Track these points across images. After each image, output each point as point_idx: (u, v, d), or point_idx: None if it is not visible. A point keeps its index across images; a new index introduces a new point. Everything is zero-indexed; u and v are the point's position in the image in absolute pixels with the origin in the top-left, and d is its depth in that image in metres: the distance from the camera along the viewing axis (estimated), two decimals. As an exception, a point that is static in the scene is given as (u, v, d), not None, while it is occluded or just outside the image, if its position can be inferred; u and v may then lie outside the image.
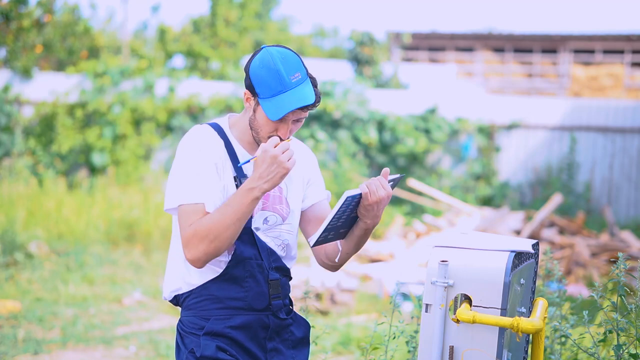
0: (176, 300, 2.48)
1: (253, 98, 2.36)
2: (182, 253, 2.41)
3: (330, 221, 2.30)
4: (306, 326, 2.56)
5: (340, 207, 2.28)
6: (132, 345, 5.78)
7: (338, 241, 2.50)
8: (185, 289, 2.44)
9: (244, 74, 2.41)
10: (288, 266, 2.50)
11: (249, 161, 2.32)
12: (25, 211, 9.64)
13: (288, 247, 2.50)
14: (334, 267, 2.56)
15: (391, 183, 2.39)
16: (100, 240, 9.47)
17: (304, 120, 2.40)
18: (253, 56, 2.37)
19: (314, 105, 2.34)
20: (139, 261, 8.76)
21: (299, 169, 2.57)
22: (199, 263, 2.29)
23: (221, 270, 2.39)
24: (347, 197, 2.27)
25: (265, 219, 2.44)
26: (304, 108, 2.33)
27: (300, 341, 2.52)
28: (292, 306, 2.53)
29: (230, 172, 2.39)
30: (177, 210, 2.32)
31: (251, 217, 2.38)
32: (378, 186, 2.32)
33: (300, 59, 2.37)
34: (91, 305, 6.89)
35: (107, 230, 9.70)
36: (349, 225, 2.42)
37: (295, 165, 2.52)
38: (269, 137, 2.35)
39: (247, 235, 2.38)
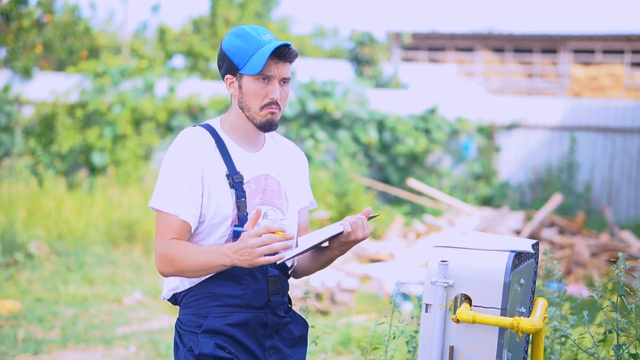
0: (174, 299, 2.49)
1: (234, 77, 2.43)
2: None
3: (306, 249, 2.36)
4: (305, 325, 2.56)
5: (321, 241, 2.36)
6: (132, 345, 5.78)
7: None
8: (183, 287, 2.45)
9: (219, 68, 2.48)
10: (287, 264, 2.50)
11: (240, 231, 2.33)
12: (25, 211, 9.64)
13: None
14: (294, 276, 2.65)
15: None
16: (100, 240, 9.47)
17: (289, 83, 2.44)
18: (221, 43, 2.47)
19: (292, 53, 2.39)
20: (139, 261, 8.76)
21: (294, 168, 2.59)
22: (163, 276, 2.41)
23: None
24: (331, 235, 2.35)
25: (265, 213, 2.45)
26: (284, 56, 2.38)
27: (299, 340, 2.53)
28: (291, 304, 2.54)
29: (220, 171, 2.41)
30: (157, 213, 2.41)
31: (246, 214, 2.40)
32: (359, 227, 2.40)
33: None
34: (91, 305, 6.89)
35: (107, 230, 9.70)
36: (316, 248, 2.49)
37: (293, 166, 2.58)
38: (261, 109, 2.39)
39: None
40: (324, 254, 2.52)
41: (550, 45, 20.21)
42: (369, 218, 2.46)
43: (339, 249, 2.45)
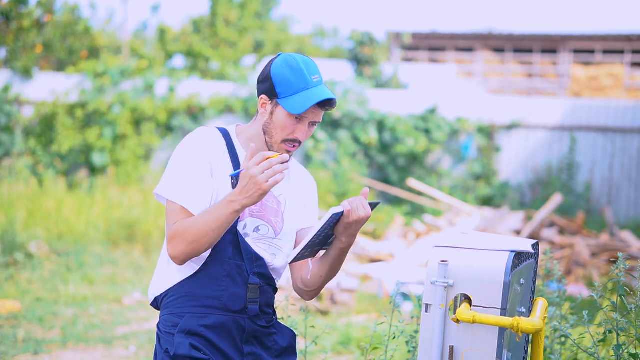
0: (156, 303, 2.50)
1: (270, 101, 2.41)
2: (166, 256, 2.45)
3: (312, 238, 2.33)
4: (291, 335, 2.55)
5: (324, 224, 2.32)
6: (132, 345, 5.78)
7: (309, 261, 2.53)
8: (164, 288, 2.45)
9: (258, 82, 2.46)
10: (273, 276, 2.49)
11: (238, 173, 2.33)
12: (25, 211, 9.63)
13: (277, 260, 2.49)
14: (308, 293, 2.56)
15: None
16: (100, 240, 9.47)
17: (316, 126, 2.43)
18: (271, 61, 2.45)
19: (332, 105, 2.40)
20: (139, 261, 8.76)
21: (299, 191, 2.58)
22: (178, 261, 2.35)
23: (198, 267, 2.40)
24: (332, 215, 2.31)
25: (257, 227, 2.44)
26: (325, 105, 2.38)
27: (285, 350, 2.52)
28: (275, 316, 2.53)
29: (227, 172, 2.41)
30: (166, 202, 2.39)
31: (239, 219, 2.39)
32: (359, 205, 2.36)
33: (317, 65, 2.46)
34: (91, 305, 6.89)
35: (107, 230, 9.70)
36: (324, 242, 2.43)
37: (299, 188, 2.56)
38: (282, 142, 2.39)
39: (231, 235, 2.39)
40: (332, 247, 2.46)
41: (550, 45, 20.21)
42: (372, 206, 2.42)
43: (345, 233, 2.39)
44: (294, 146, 2.40)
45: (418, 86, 17.03)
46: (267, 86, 2.41)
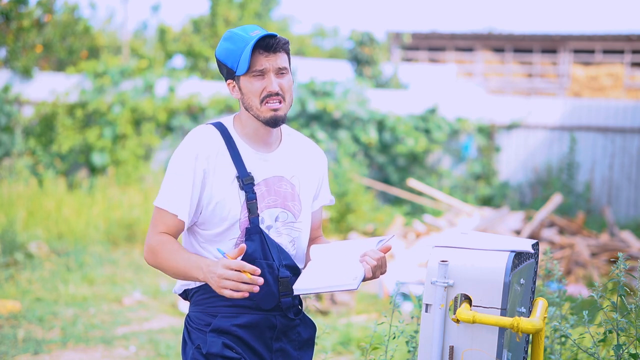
0: (185, 295, 2.50)
1: (234, 81, 2.41)
2: (194, 249, 2.46)
3: (323, 290, 2.34)
4: (313, 327, 2.57)
5: (337, 291, 2.34)
6: (132, 345, 5.78)
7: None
8: (194, 284, 2.46)
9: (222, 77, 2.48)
10: (299, 266, 2.50)
11: (222, 254, 2.32)
12: (25, 211, 9.63)
13: (299, 245, 2.50)
14: None
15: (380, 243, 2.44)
16: (100, 240, 9.47)
17: (287, 73, 2.40)
18: (215, 51, 2.46)
19: (278, 42, 2.36)
20: (139, 261, 8.76)
21: (312, 169, 2.57)
22: (147, 263, 2.49)
23: None
24: (350, 288, 2.31)
25: (277, 217, 2.44)
26: (270, 48, 2.34)
27: (306, 342, 2.53)
28: (301, 306, 2.54)
29: (228, 172, 2.40)
30: (154, 210, 2.43)
31: (258, 216, 2.39)
32: (379, 268, 2.37)
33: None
34: (91, 305, 6.89)
35: (107, 230, 9.70)
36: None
37: (310, 166, 2.56)
38: (262, 105, 2.36)
39: (257, 235, 2.39)
40: None
41: (550, 45, 20.21)
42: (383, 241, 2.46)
43: None
44: (276, 102, 2.37)
45: (418, 86, 17.02)
46: (224, 71, 2.41)
